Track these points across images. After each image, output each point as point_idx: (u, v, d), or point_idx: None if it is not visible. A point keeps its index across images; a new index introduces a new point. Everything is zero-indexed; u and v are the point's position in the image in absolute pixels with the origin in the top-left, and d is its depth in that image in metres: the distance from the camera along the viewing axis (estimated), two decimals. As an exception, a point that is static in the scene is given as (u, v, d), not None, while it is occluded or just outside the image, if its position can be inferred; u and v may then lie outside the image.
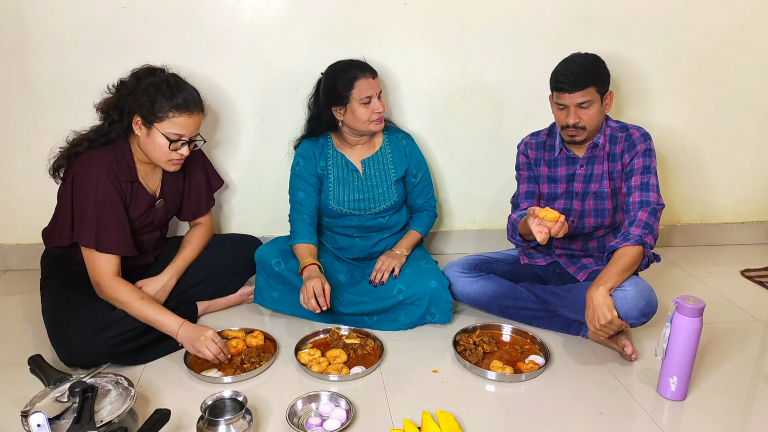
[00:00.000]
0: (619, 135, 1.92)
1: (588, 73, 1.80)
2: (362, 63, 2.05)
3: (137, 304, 1.75)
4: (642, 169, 1.86)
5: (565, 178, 1.99)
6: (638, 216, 1.81)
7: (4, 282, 2.39)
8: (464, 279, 2.05)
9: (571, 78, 1.79)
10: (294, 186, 2.13)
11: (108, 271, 1.77)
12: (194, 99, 1.80)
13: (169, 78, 1.80)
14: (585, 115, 1.83)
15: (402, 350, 1.89)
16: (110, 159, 1.78)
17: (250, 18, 2.25)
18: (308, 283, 1.87)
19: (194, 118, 1.80)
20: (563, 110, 1.85)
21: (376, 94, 2.01)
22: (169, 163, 1.82)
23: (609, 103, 1.89)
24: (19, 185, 2.35)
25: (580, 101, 1.81)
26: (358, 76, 1.99)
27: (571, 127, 1.85)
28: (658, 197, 1.84)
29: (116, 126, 1.80)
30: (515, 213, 2.00)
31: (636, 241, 1.76)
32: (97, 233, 1.75)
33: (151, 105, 1.73)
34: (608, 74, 1.87)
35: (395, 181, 2.14)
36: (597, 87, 1.82)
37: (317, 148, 2.14)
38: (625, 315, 1.74)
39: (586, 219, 1.97)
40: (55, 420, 1.33)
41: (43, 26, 2.16)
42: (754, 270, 2.54)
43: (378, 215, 2.14)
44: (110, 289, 1.76)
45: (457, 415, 1.54)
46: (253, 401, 1.57)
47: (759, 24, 2.50)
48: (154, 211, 1.93)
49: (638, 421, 1.58)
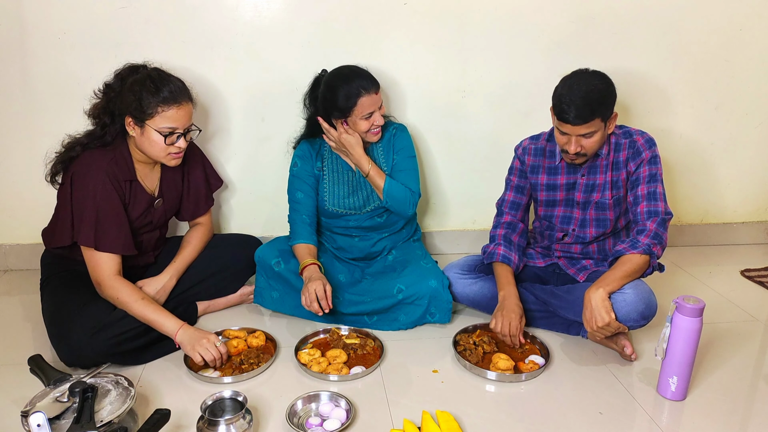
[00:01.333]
0: (623, 142, 1.87)
1: (593, 105, 1.71)
2: (365, 75, 1.99)
3: (137, 304, 1.75)
4: (648, 177, 1.83)
5: (565, 187, 1.97)
6: (648, 226, 1.78)
7: (4, 282, 2.39)
8: (464, 280, 2.05)
9: (575, 111, 1.71)
10: (292, 187, 2.12)
11: (109, 270, 1.77)
12: (180, 89, 1.78)
13: (152, 73, 1.78)
14: (587, 143, 1.78)
15: (402, 350, 1.89)
16: (109, 159, 1.78)
17: (250, 18, 2.25)
18: (309, 285, 1.86)
19: (184, 109, 1.78)
20: (564, 136, 1.80)
21: (377, 107, 2.00)
22: (169, 157, 1.81)
23: (613, 123, 1.82)
24: (19, 185, 2.35)
25: (582, 132, 1.76)
26: (362, 93, 1.95)
27: (572, 154, 1.81)
28: (666, 206, 1.82)
29: (110, 129, 1.79)
30: (492, 244, 2.03)
31: (644, 250, 1.75)
32: (96, 232, 1.75)
33: (139, 103, 1.72)
34: (614, 97, 1.78)
35: (387, 174, 2.10)
36: (602, 117, 1.74)
37: (314, 149, 2.13)
38: (625, 317, 1.73)
39: (587, 228, 1.96)
40: (55, 420, 1.33)
41: (43, 26, 2.16)
42: (754, 270, 2.54)
43: (374, 214, 2.13)
44: (111, 289, 1.76)
45: (457, 415, 1.54)
46: (253, 401, 1.57)
47: (759, 24, 2.50)
48: (153, 210, 1.93)
49: (638, 421, 1.58)
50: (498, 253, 2.01)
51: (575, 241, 1.99)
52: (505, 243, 2.03)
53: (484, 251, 2.06)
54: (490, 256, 2.03)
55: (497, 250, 2.01)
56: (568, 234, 1.99)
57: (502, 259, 1.99)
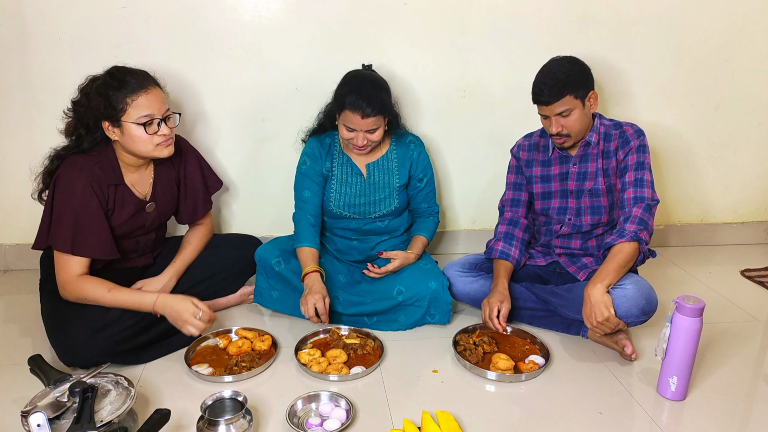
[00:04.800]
0: (613, 132, 1.93)
1: (561, 83, 1.81)
2: (369, 98, 1.90)
3: (108, 295, 1.73)
4: (636, 165, 1.88)
5: (559, 177, 2.00)
6: (633, 212, 1.82)
7: (4, 282, 2.39)
8: (464, 278, 2.05)
9: (546, 91, 1.82)
10: (300, 184, 2.10)
11: (75, 272, 1.74)
12: (143, 76, 1.76)
13: (112, 71, 1.76)
14: (567, 122, 1.85)
15: (402, 350, 1.89)
16: (93, 162, 1.76)
17: (250, 18, 2.25)
18: (309, 298, 1.86)
19: (153, 94, 1.75)
20: (546, 120, 1.89)
21: (362, 129, 1.93)
22: (159, 148, 1.78)
23: (594, 103, 1.89)
24: (19, 185, 2.35)
25: (559, 111, 1.83)
26: (346, 107, 1.91)
27: (556, 136, 1.88)
28: (653, 193, 1.86)
29: (86, 138, 1.77)
30: (494, 240, 2.07)
31: (631, 237, 1.78)
32: (74, 238, 1.73)
33: (108, 103, 1.70)
34: (586, 77, 1.86)
35: (398, 187, 2.12)
36: (574, 94, 1.82)
37: (324, 148, 2.10)
38: (626, 313, 1.74)
39: (583, 217, 1.98)
40: (55, 420, 1.33)
41: (43, 26, 2.16)
42: (754, 270, 2.54)
43: (377, 219, 2.13)
44: (77, 290, 1.73)
45: (457, 415, 1.54)
46: (253, 401, 1.57)
47: (759, 24, 2.50)
48: (145, 214, 1.91)
49: (638, 421, 1.58)
50: (496, 248, 2.05)
51: (572, 230, 2.00)
52: (505, 239, 2.06)
53: (487, 245, 2.10)
54: (489, 251, 2.07)
55: (496, 245, 2.06)
56: (565, 224, 2.00)
57: (499, 255, 2.03)
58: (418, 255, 2.12)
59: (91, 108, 1.73)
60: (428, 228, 2.20)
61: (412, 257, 2.09)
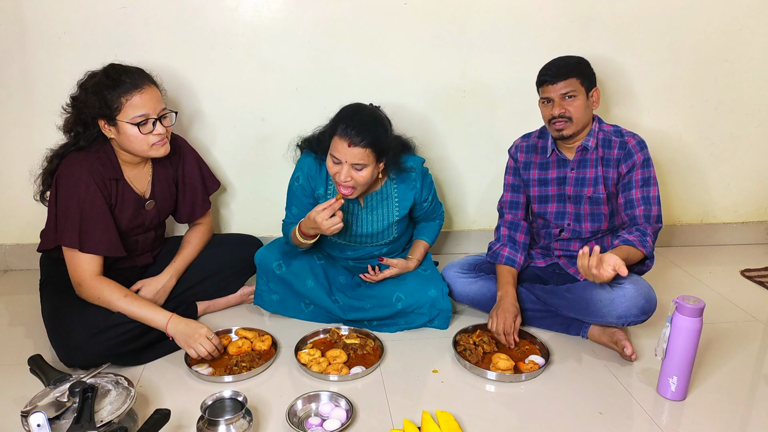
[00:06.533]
0: (613, 139, 1.91)
1: (570, 66, 1.85)
2: (355, 123, 1.77)
3: (121, 302, 1.73)
4: (642, 181, 1.86)
5: (556, 181, 1.99)
6: (649, 231, 1.81)
7: (4, 282, 2.39)
8: (464, 279, 2.05)
9: (554, 69, 1.85)
10: (290, 200, 2.04)
11: (90, 270, 1.74)
12: (139, 75, 1.75)
13: (107, 69, 1.76)
14: (570, 106, 1.84)
15: (402, 350, 1.89)
16: (93, 158, 1.77)
17: (250, 18, 2.25)
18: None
19: (148, 93, 1.74)
20: (549, 104, 1.88)
21: (347, 161, 1.77)
22: (154, 148, 1.78)
23: (596, 100, 1.90)
24: (19, 185, 2.34)
25: (564, 91, 1.83)
26: (336, 132, 1.78)
27: (558, 118, 1.85)
28: (660, 212, 1.86)
29: (83, 135, 1.76)
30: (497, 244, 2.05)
31: (649, 253, 1.79)
32: (81, 233, 1.72)
33: (104, 102, 1.70)
34: (592, 72, 1.90)
35: (397, 220, 2.03)
36: (580, 79, 1.85)
37: (319, 171, 1.97)
38: (625, 313, 1.74)
39: (583, 223, 1.97)
40: (55, 420, 1.33)
41: (43, 26, 2.16)
42: (754, 270, 2.54)
43: (375, 249, 2.10)
44: (92, 289, 1.74)
45: (457, 415, 1.54)
46: (253, 401, 1.57)
47: (759, 24, 2.50)
48: (144, 212, 1.91)
49: (638, 421, 1.58)
50: (502, 254, 2.02)
51: (572, 236, 1.99)
52: (510, 243, 2.04)
53: (490, 248, 2.07)
54: (494, 256, 2.04)
55: (502, 251, 2.02)
56: (564, 229, 2.00)
57: (506, 261, 2.01)
58: (419, 261, 2.10)
59: (87, 105, 1.73)
60: (431, 231, 2.18)
61: (412, 265, 2.07)
